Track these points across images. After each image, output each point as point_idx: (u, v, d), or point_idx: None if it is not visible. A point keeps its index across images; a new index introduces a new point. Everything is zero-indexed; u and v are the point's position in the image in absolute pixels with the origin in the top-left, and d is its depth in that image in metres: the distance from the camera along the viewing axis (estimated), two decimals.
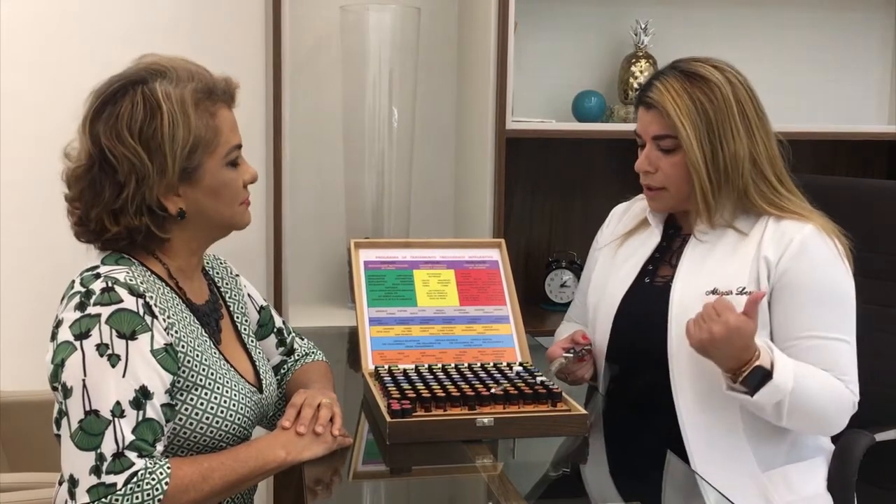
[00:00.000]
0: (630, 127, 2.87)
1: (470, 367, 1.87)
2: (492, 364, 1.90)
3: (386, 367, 1.87)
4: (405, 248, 2.06)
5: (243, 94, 1.67)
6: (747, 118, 1.84)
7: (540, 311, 3.01)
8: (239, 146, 1.62)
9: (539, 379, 1.80)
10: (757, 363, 1.68)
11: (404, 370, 1.85)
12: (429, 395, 1.70)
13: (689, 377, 1.81)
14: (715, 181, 1.83)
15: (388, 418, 1.64)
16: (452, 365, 1.88)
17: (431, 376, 1.80)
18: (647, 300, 1.90)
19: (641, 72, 3.00)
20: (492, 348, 1.96)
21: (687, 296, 1.82)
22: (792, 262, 1.79)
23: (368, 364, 1.89)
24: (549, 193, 3.16)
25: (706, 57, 1.89)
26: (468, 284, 2.03)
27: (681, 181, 1.85)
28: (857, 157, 3.24)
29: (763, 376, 1.68)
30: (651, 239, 1.97)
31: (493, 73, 2.70)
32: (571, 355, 1.92)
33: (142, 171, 1.52)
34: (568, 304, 2.27)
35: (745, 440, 1.80)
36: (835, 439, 1.95)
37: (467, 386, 1.74)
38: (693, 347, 1.71)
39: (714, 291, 1.80)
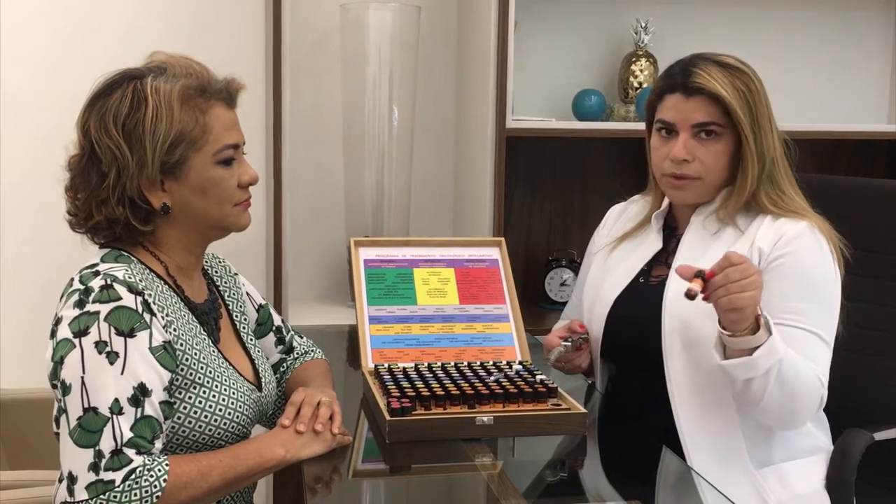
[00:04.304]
0: (630, 126, 2.88)
1: (469, 366, 1.87)
2: (491, 363, 1.90)
3: (386, 365, 1.87)
4: (405, 247, 2.06)
5: (243, 92, 1.67)
6: (770, 115, 1.84)
7: (540, 310, 3.01)
8: (234, 146, 1.61)
9: (539, 377, 1.80)
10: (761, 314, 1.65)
11: (404, 368, 1.85)
12: (428, 393, 1.70)
13: (684, 375, 1.81)
14: (760, 170, 1.82)
15: (387, 416, 1.64)
16: (452, 363, 1.88)
17: (431, 375, 1.80)
18: (641, 299, 1.90)
19: (641, 71, 3.01)
20: (491, 347, 1.96)
21: (681, 294, 1.81)
22: (781, 251, 1.79)
23: (368, 362, 1.89)
24: (548, 192, 3.16)
25: (726, 53, 1.88)
26: (468, 283, 2.03)
27: (720, 170, 1.84)
28: (857, 157, 3.25)
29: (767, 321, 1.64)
30: (649, 241, 1.97)
31: (493, 71, 2.70)
32: (570, 344, 1.92)
33: (122, 162, 1.52)
34: (567, 303, 2.28)
35: (740, 437, 1.80)
36: (834, 439, 1.95)
37: (467, 384, 1.74)
38: (724, 310, 1.62)
39: None
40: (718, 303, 1.62)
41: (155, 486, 1.41)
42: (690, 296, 1.61)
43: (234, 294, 1.81)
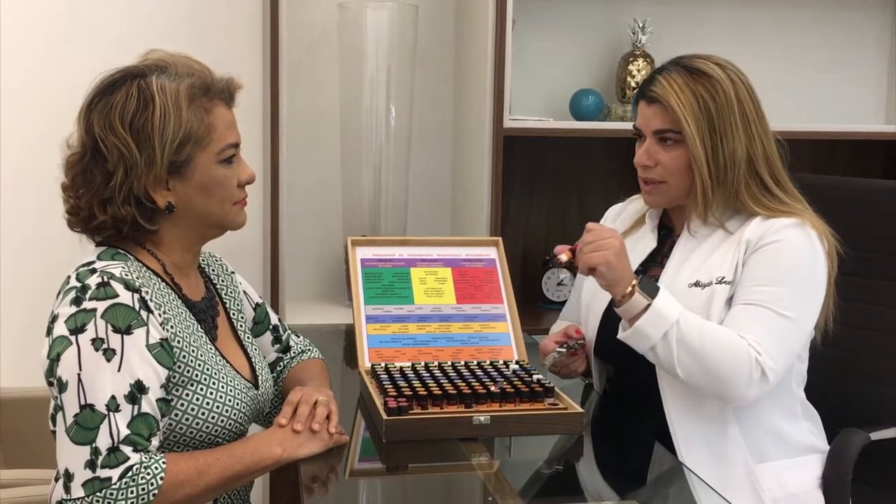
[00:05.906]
0: (628, 125, 2.88)
1: (466, 365, 1.87)
2: (488, 362, 1.90)
3: (382, 364, 1.87)
4: (402, 246, 2.06)
5: (240, 91, 1.67)
6: (746, 117, 1.84)
7: (537, 310, 3.01)
8: (235, 145, 1.62)
9: (535, 377, 1.80)
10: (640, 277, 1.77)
11: (401, 368, 1.85)
12: (425, 392, 1.70)
13: None
14: (714, 177, 1.84)
15: (384, 416, 1.64)
16: (449, 363, 1.89)
17: (428, 374, 1.80)
18: None
19: (639, 70, 3.01)
20: (488, 346, 1.96)
21: (672, 292, 1.82)
22: (765, 240, 1.81)
23: (365, 362, 1.89)
24: (546, 192, 3.16)
25: (708, 54, 1.90)
26: (465, 282, 2.03)
27: (680, 175, 1.86)
28: (855, 157, 3.25)
29: (654, 288, 1.75)
30: (644, 241, 1.98)
31: (490, 71, 2.70)
32: (564, 349, 1.93)
33: (130, 161, 1.52)
34: (564, 303, 2.28)
35: (735, 435, 1.81)
36: (830, 439, 1.95)
37: (464, 384, 1.74)
38: (585, 273, 1.78)
39: (696, 283, 1.82)
40: (579, 265, 1.78)
41: (152, 484, 1.41)
42: (557, 261, 1.90)
43: (230, 292, 1.81)
